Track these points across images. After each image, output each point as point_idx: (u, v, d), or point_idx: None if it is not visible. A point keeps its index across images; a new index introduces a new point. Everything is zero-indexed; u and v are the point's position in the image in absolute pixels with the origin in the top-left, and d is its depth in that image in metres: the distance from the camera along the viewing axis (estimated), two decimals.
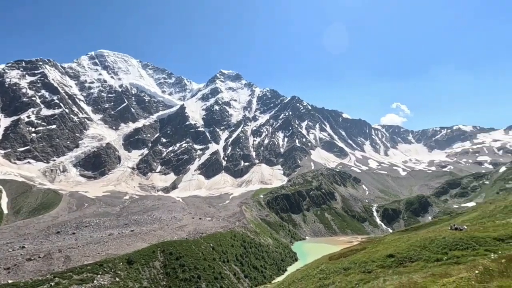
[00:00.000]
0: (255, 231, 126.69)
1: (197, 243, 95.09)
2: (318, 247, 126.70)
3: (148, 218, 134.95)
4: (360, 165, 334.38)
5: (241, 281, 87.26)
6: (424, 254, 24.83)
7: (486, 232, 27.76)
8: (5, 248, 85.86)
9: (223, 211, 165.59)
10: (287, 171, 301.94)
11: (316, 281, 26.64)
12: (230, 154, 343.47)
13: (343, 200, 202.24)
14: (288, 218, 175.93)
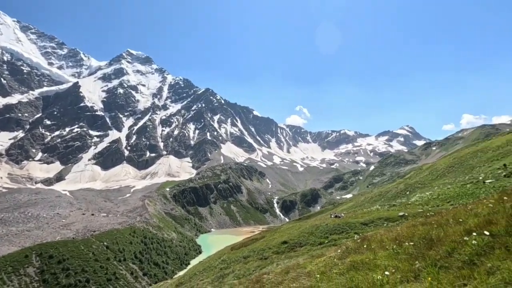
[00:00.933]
0: (158, 226, 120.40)
1: (87, 243, 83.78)
2: (222, 239, 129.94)
3: (20, 216, 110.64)
4: (265, 160, 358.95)
5: (139, 279, 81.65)
6: (310, 239, 28.66)
7: (356, 218, 34.06)
8: None
9: (122, 205, 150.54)
10: (196, 164, 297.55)
11: (217, 272, 27.27)
12: (134, 143, 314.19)
13: (248, 193, 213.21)
14: (195, 211, 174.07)
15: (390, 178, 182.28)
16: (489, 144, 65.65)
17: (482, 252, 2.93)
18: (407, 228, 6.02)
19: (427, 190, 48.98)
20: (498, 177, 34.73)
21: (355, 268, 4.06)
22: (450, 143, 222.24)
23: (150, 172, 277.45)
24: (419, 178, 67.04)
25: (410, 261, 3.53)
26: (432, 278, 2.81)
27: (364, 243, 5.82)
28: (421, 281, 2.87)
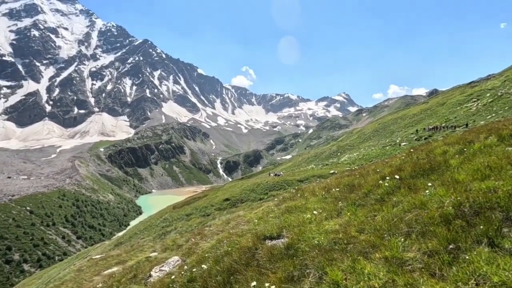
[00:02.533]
0: (93, 188, 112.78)
1: (5, 208, 74.69)
2: (164, 199, 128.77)
3: None
4: (210, 121, 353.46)
5: (73, 243, 77.54)
6: (251, 196, 30.38)
7: (294, 176, 36.95)
8: None
9: (47, 167, 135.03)
10: (135, 123, 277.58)
11: (158, 230, 27.39)
12: (58, 97, 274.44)
13: (191, 154, 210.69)
14: (134, 172, 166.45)
15: (326, 141, 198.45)
16: (407, 112, 75.50)
17: (391, 191, 3.51)
18: (335, 179, 6.78)
19: (355, 151, 55.18)
20: (411, 140, 40.76)
21: (288, 211, 4.51)
22: (378, 110, 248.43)
23: (80, 130, 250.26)
24: (349, 141, 74.70)
25: (334, 203, 4.05)
26: (351, 213, 3.29)
27: (298, 193, 6.44)
28: (342, 217, 3.35)
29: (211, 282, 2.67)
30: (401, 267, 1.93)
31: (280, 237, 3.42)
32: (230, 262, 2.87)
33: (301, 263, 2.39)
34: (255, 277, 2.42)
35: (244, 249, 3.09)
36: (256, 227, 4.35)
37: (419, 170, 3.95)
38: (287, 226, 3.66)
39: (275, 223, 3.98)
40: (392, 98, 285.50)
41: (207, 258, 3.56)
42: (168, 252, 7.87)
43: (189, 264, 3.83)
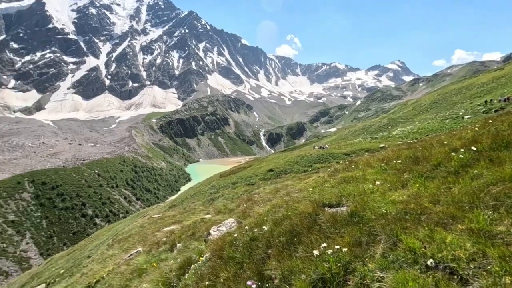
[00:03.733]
0: (147, 156, 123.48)
1: (79, 171, 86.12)
2: (210, 168, 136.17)
3: (5, 145, 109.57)
4: (253, 93, 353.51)
5: (133, 203, 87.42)
6: (295, 168, 30.48)
7: (339, 149, 35.86)
8: None
9: (109, 136, 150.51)
10: (182, 95, 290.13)
11: (207, 196, 29.28)
12: (114, 72, 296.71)
13: (236, 125, 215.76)
14: (183, 142, 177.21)
15: (375, 113, 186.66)
16: (475, 81, 66.28)
17: (467, 164, 3.18)
18: (393, 152, 6.38)
19: (408, 124, 50.98)
20: (477, 113, 36.09)
21: (345, 182, 4.42)
22: (438, 80, 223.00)
23: (135, 102, 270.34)
24: (402, 113, 68.96)
25: (397, 175, 3.84)
26: (419, 185, 3.09)
27: (352, 164, 6.25)
28: (408, 189, 3.17)
29: (274, 241, 2.81)
30: (491, 239, 1.80)
31: (340, 205, 3.39)
32: (291, 225, 2.97)
33: (369, 230, 2.35)
34: (320, 240, 2.46)
35: (304, 214, 3.15)
36: (311, 195, 4.37)
37: (502, 142, 3.48)
38: (346, 195, 3.60)
39: (333, 192, 3.95)
40: (457, 65, 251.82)
41: (265, 221, 3.73)
42: (221, 215, 8.48)
43: (246, 225, 4.06)
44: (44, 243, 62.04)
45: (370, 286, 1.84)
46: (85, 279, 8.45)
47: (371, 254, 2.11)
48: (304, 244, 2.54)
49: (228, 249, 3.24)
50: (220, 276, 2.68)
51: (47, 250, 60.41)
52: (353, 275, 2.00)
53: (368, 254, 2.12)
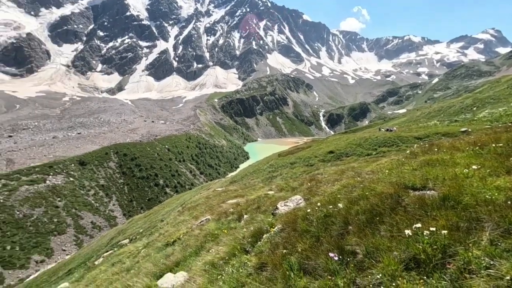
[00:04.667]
0: (210, 134, 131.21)
1: (152, 145, 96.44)
2: (268, 147, 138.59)
3: (95, 121, 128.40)
4: (314, 71, 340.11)
5: (197, 177, 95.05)
6: (358, 150, 28.91)
7: (410, 132, 32.59)
8: None
9: (176, 114, 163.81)
10: (242, 75, 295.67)
11: (266, 174, 30.05)
12: (181, 54, 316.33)
13: (294, 106, 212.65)
14: (242, 121, 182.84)
15: (456, 93, 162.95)
16: None
17: None
18: (485, 135, 5.51)
19: (500, 105, 43.22)
20: None
21: (429, 165, 4.01)
22: None
23: (199, 83, 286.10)
24: (493, 92, 58.48)
25: (499, 159, 3.32)
26: None
27: (434, 147, 5.61)
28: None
29: (352, 219, 2.77)
30: None
31: (425, 189, 3.13)
32: (370, 204, 2.86)
33: (469, 216, 2.25)
34: (407, 221, 2.34)
35: (384, 195, 2.99)
36: (389, 177, 4.12)
37: None
38: (433, 178, 3.28)
39: (415, 174, 3.64)
40: None
41: (339, 199, 3.68)
42: (284, 192, 8.68)
43: (318, 202, 4.07)
44: (126, 206, 72.52)
45: (475, 272, 1.77)
46: (163, 238, 9.66)
47: (476, 240, 2.03)
48: (387, 224, 2.44)
49: (301, 223, 3.31)
50: (297, 247, 2.77)
51: (128, 211, 70.64)
52: (454, 259, 1.94)
53: (471, 240, 2.03)
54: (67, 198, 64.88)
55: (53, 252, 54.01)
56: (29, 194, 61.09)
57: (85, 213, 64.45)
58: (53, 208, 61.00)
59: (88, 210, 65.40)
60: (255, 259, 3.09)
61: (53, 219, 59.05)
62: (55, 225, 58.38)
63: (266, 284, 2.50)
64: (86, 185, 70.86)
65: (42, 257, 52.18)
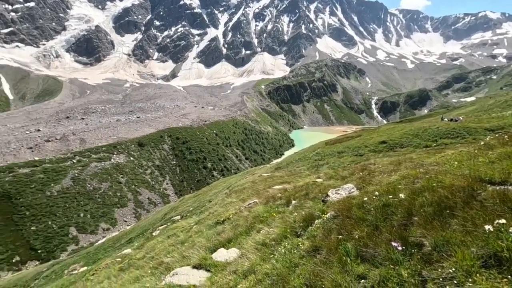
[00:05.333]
0: (256, 120, 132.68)
1: (201, 130, 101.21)
2: (314, 135, 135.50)
3: (152, 106, 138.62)
4: (367, 56, 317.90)
5: (243, 162, 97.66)
6: (415, 141, 26.64)
7: (480, 123, 28.90)
8: (22, 130, 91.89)
9: (224, 100, 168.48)
10: (290, 61, 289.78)
11: (312, 162, 29.57)
12: (230, 40, 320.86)
13: (344, 92, 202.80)
14: (288, 108, 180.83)
15: None
16: None
17: None
18: None
19: None
20: None
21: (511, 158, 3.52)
22: None
23: (246, 69, 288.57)
24: None
25: None
26: None
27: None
28: None
29: (417, 211, 2.61)
30: None
31: (507, 183, 2.78)
32: (438, 197, 2.65)
33: None
34: (484, 217, 2.28)
35: (456, 187, 2.74)
36: (458, 170, 3.74)
37: None
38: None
39: (494, 168, 3.25)
40: None
41: (399, 190, 3.48)
42: (333, 180, 8.48)
43: (372, 192, 3.90)
44: (178, 185, 78.11)
45: None
46: (213, 217, 10.25)
47: None
48: (459, 218, 2.35)
49: (357, 211, 3.22)
50: (354, 234, 2.72)
51: (179, 190, 76.06)
52: None
53: None
54: (128, 175, 72.18)
55: (116, 222, 61.14)
56: (97, 170, 69.38)
57: (143, 189, 71.17)
58: (116, 184, 68.54)
59: (145, 187, 72.08)
60: (308, 242, 3.12)
61: (116, 193, 66.48)
62: (118, 199, 65.71)
63: (321, 266, 2.52)
64: (144, 164, 77.82)
65: (108, 226, 59.48)
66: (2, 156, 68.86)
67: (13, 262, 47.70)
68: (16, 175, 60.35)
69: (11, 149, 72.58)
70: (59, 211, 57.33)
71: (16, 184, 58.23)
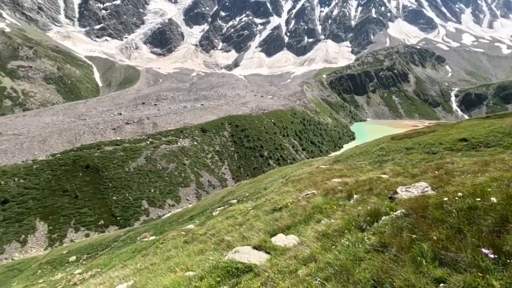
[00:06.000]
0: (315, 110, 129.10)
1: (260, 118, 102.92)
2: (379, 129, 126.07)
3: (215, 94, 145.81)
4: (449, 41, 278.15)
5: (299, 153, 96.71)
6: (506, 141, 22.70)
7: None
8: (108, 113, 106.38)
9: (284, 90, 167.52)
10: (356, 49, 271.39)
11: (374, 157, 27.70)
12: (293, 28, 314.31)
13: (417, 82, 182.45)
14: (351, 99, 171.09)
15: None
16: None
17: None
18: None
19: None
20: None
21: None
22: None
23: (308, 58, 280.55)
24: None
25: None
26: None
27: None
28: None
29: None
30: None
31: None
32: None
33: None
34: None
35: None
36: None
37: None
38: None
39: None
40: None
41: (488, 193, 3.05)
42: (402, 178, 7.82)
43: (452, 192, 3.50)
44: (235, 171, 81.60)
45: None
46: (269, 204, 10.49)
47: None
48: None
49: (434, 211, 2.93)
50: (430, 235, 2.49)
51: (236, 176, 79.42)
52: None
53: None
54: (191, 158, 78.13)
55: (180, 200, 67.18)
56: (166, 151, 76.68)
57: (204, 172, 76.34)
58: (181, 165, 74.87)
59: (206, 170, 77.17)
60: (374, 238, 2.97)
61: (181, 174, 72.73)
62: (182, 179, 71.84)
63: (391, 263, 2.38)
64: (205, 149, 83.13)
65: (173, 202, 65.80)
66: (93, 135, 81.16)
67: (98, 224, 56.62)
68: (102, 151, 70.63)
69: (99, 129, 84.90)
70: (134, 185, 65.50)
71: (103, 159, 68.22)
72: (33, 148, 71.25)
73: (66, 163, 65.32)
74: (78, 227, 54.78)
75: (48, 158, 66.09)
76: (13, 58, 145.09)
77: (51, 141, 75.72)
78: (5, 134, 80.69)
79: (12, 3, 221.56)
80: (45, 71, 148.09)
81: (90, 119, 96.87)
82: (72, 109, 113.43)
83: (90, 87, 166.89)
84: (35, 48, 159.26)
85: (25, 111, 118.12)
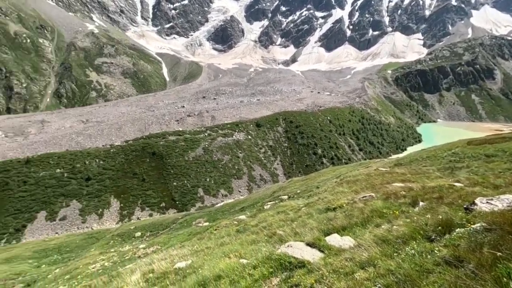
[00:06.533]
0: (376, 109, 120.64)
1: (315, 115, 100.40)
2: (451, 131, 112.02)
3: (271, 89, 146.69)
4: None
5: (355, 153, 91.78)
6: None
7: None
8: (172, 106, 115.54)
9: (343, 86, 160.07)
10: (429, 41, 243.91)
11: (444, 163, 24.79)
12: (356, 21, 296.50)
13: (505, 80, 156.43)
14: (419, 97, 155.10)
15: None
16: None
17: None
18: None
19: None
20: None
21: None
22: None
23: (372, 52, 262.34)
24: None
25: None
26: None
27: None
28: None
29: None
30: None
31: None
32: None
33: None
34: None
35: None
36: None
37: None
38: None
39: None
40: None
41: None
42: (480, 188, 6.83)
43: None
44: (287, 167, 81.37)
45: None
46: (322, 203, 10.23)
47: None
48: None
49: None
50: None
51: (288, 172, 79.17)
52: None
53: None
54: (245, 151, 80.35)
55: (232, 191, 69.88)
56: (222, 144, 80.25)
57: (256, 166, 77.89)
58: (235, 158, 77.59)
59: (258, 164, 78.61)
60: (447, 250, 2.68)
61: (234, 166, 75.44)
62: (236, 171, 74.47)
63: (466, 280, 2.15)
64: (259, 143, 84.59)
65: (226, 193, 68.78)
66: (159, 125, 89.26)
67: (160, 206, 62.39)
68: (167, 140, 77.22)
69: (165, 120, 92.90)
70: (192, 173, 70.26)
71: (167, 148, 74.63)
72: (111, 134, 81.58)
73: (136, 149, 73.26)
74: (144, 207, 61.23)
75: (122, 144, 75.01)
76: (99, 55, 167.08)
77: (125, 129, 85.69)
78: (90, 121, 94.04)
79: (100, 7, 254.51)
80: (123, 67, 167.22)
81: (158, 110, 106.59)
82: (143, 101, 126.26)
83: (159, 81, 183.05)
84: (116, 46, 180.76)
85: (106, 102, 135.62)
